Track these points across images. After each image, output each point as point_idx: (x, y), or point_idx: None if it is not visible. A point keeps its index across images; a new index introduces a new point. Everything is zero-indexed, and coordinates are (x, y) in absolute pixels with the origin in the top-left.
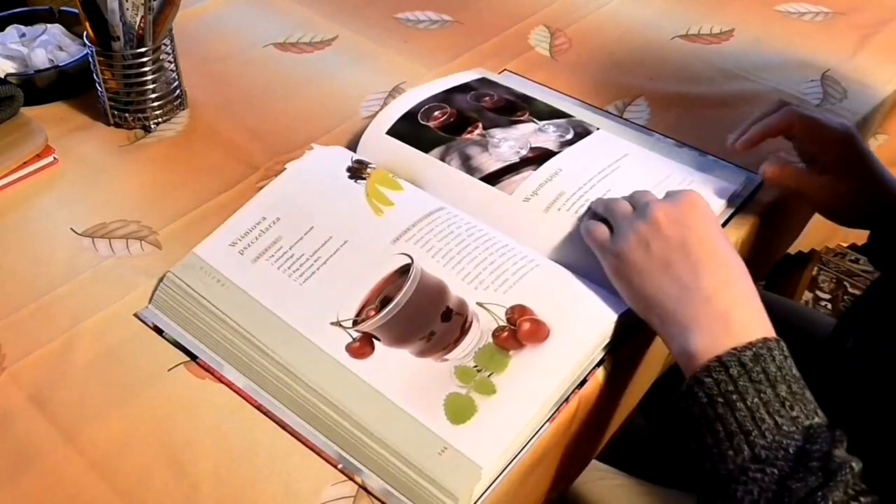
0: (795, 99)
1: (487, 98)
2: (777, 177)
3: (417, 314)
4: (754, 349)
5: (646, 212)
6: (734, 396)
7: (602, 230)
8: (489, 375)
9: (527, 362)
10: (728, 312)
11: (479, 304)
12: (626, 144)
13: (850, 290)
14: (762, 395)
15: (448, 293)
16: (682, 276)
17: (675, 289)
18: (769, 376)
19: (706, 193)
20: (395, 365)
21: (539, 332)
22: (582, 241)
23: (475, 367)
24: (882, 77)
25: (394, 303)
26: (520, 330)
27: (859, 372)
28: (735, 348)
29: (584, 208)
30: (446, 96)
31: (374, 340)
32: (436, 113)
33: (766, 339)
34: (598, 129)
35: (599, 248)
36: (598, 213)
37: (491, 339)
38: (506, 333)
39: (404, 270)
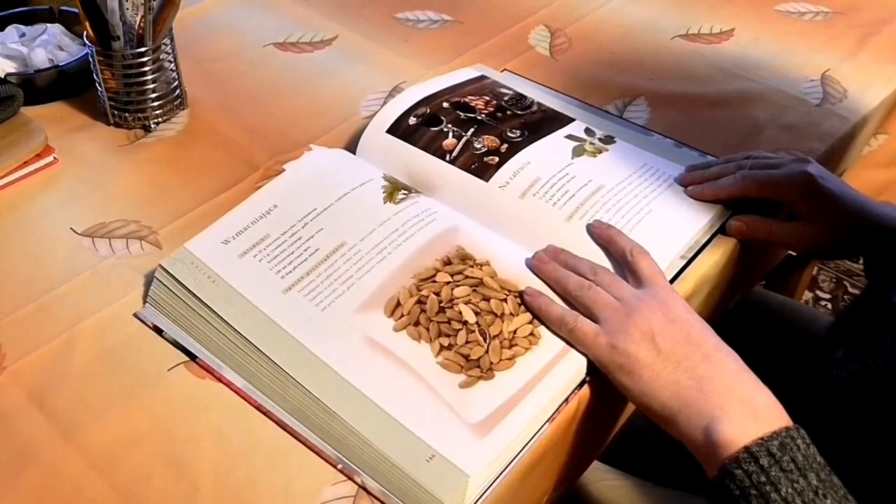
0: (795, 99)
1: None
2: (744, 232)
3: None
4: (780, 438)
5: (639, 307)
6: (767, 488)
7: (589, 325)
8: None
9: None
10: (751, 399)
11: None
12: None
13: (850, 289)
14: (795, 484)
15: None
16: (698, 367)
17: (694, 381)
18: (798, 465)
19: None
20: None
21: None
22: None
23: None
24: (882, 76)
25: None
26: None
27: (848, 381)
28: (762, 437)
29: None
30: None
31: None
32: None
33: (787, 428)
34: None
35: (591, 341)
36: (565, 296)
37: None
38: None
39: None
